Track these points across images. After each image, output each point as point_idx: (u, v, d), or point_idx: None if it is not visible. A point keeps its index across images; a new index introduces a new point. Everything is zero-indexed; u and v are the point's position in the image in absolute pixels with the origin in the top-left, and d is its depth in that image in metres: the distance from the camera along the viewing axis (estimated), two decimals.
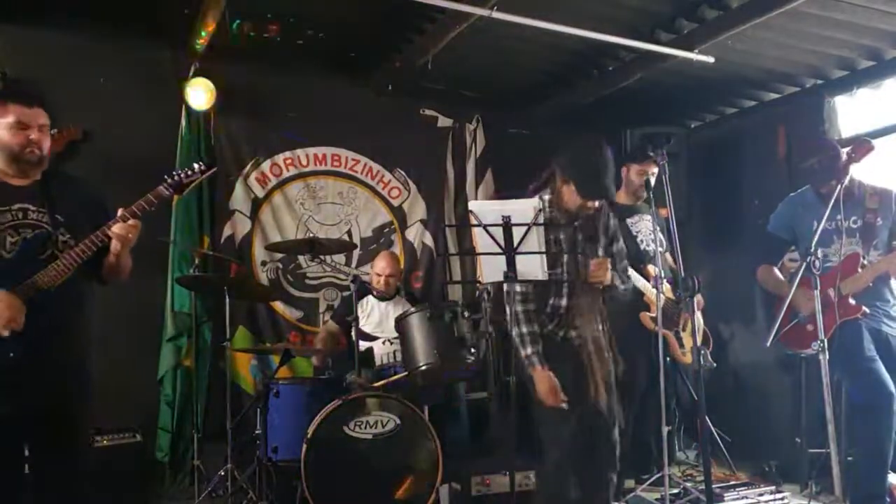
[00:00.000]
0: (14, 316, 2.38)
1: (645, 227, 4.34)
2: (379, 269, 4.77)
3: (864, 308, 3.54)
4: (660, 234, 4.17)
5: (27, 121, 2.52)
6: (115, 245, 2.59)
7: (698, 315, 4.68)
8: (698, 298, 4.34)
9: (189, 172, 2.78)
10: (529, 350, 3.01)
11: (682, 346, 4.36)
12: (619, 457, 3.11)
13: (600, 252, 3.12)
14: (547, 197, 3.13)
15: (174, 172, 2.80)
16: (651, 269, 4.17)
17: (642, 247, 4.24)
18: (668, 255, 4.29)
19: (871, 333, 3.57)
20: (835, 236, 3.66)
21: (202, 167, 2.81)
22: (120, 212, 2.62)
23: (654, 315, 4.01)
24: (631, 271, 4.01)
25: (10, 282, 2.42)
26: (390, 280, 4.77)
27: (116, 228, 2.57)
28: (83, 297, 2.66)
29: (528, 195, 3.10)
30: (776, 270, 3.96)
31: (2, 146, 2.51)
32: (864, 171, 3.75)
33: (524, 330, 3.01)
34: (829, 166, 3.66)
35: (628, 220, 4.25)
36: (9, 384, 2.40)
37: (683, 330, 4.38)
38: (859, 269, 3.58)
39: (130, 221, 2.60)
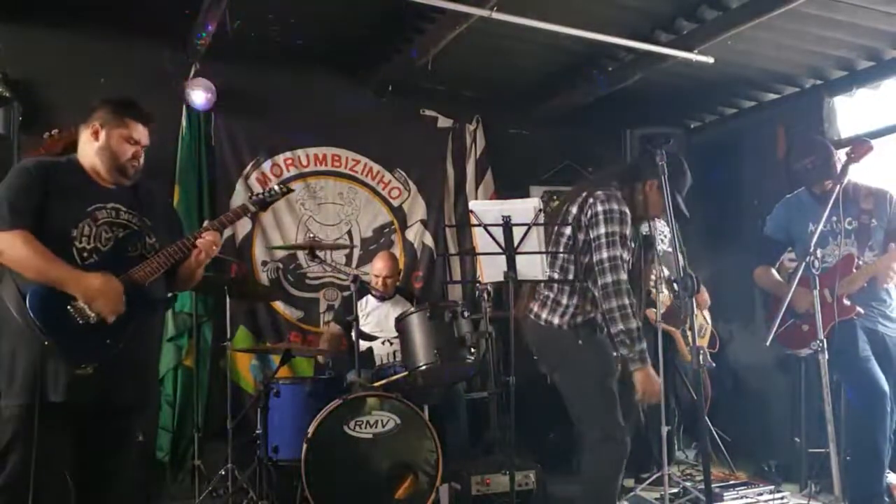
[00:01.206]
0: (119, 302, 2.52)
1: (651, 228, 4.35)
2: (377, 271, 4.78)
3: (858, 308, 3.55)
4: (667, 235, 4.18)
5: (139, 138, 2.74)
6: (201, 254, 2.74)
7: (706, 314, 4.70)
8: (704, 297, 4.35)
9: (271, 192, 2.98)
10: (644, 345, 2.96)
11: (688, 343, 4.37)
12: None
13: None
14: (618, 194, 3.10)
15: (259, 192, 3.04)
16: (657, 268, 4.18)
17: None
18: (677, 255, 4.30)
19: (867, 333, 3.57)
20: (830, 237, 3.67)
21: (284, 188, 3.02)
22: (206, 223, 2.83)
23: (657, 311, 4.02)
24: None
25: (108, 273, 2.54)
26: (388, 281, 4.78)
27: (207, 236, 2.74)
28: (161, 299, 2.78)
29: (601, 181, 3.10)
30: (773, 271, 3.97)
31: (111, 155, 2.68)
32: (862, 172, 3.76)
33: (633, 325, 2.93)
34: (822, 166, 3.67)
35: None
36: (105, 373, 2.49)
37: (690, 328, 4.38)
38: (854, 270, 3.59)
39: (217, 233, 2.78)
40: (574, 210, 3.10)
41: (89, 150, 2.69)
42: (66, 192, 2.58)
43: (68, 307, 2.47)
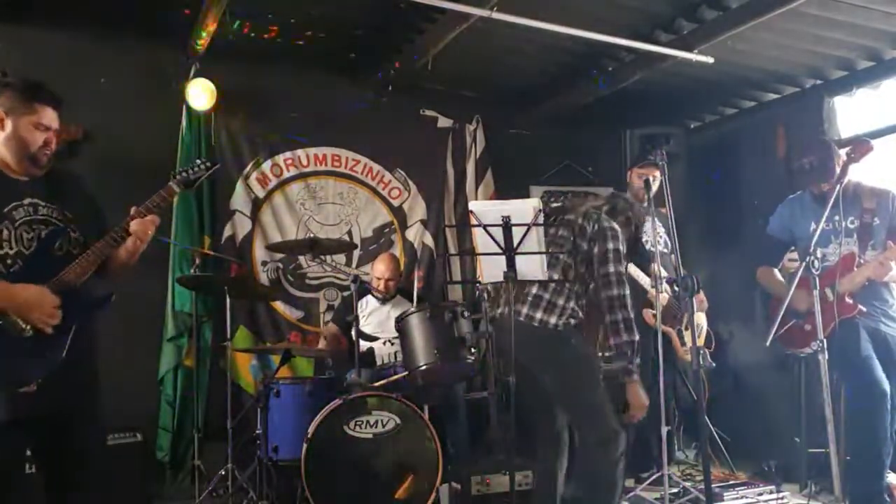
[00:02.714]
0: (54, 312, 2.36)
1: (649, 228, 4.35)
2: (379, 273, 4.78)
3: (860, 307, 3.54)
4: (664, 236, 4.18)
5: (48, 123, 2.51)
6: (133, 242, 2.55)
7: (702, 316, 4.69)
8: (701, 298, 4.35)
9: (195, 168, 2.77)
10: (639, 359, 3.05)
11: (683, 343, 4.37)
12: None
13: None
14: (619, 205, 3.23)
15: (180, 170, 2.79)
16: (654, 268, 4.17)
17: (647, 247, 4.25)
18: (673, 255, 4.30)
19: (869, 333, 3.57)
20: (832, 236, 3.66)
21: (206, 163, 2.81)
22: (133, 210, 2.59)
23: (656, 312, 4.01)
24: (634, 269, 4.03)
25: (36, 278, 2.38)
26: (390, 284, 4.78)
27: (136, 225, 2.54)
28: (100, 298, 2.61)
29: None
30: (776, 272, 3.97)
31: (21, 144, 2.46)
32: (863, 172, 3.75)
33: (635, 338, 3.03)
34: (821, 166, 3.66)
35: None
36: (51, 384, 2.35)
37: (686, 329, 4.39)
38: (855, 269, 3.59)
39: (149, 217, 2.57)
40: (579, 220, 3.16)
41: None
42: None
43: (0, 323, 2.31)
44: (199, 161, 2.83)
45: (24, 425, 2.35)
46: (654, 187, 4.06)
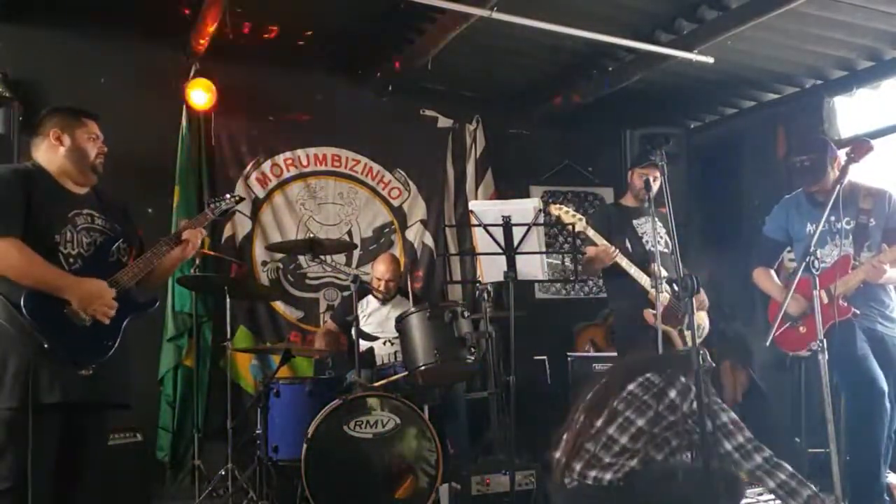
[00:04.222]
0: (112, 303, 2.59)
1: (650, 228, 4.35)
2: (379, 274, 4.78)
3: (853, 309, 3.54)
4: (665, 236, 4.18)
5: (97, 134, 2.81)
6: (183, 249, 2.84)
7: (704, 315, 4.70)
8: (703, 299, 4.35)
9: (226, 200, 3.14)
10: None
11: (685, 343, 4.36)
12: None
13: None
14: None
15: (215, 199, 3.15)
16: (654, 268, 4.18)
17: (648, 247, 4.25)
18: (673, 255, 4.30)
19: (866, 333, 3.56)
20: (829, 237, 3.66)
21: (235, 197, 3.20)
22: (183, 223, 2.95)
23: (656, 312, 4.01)
24: (635, 270, 4.02)
25: (93, 277, 2.60)
26: (390, 284, 4.78)
27: (189, 233, 2.85)
28: (149, 301, 2.85)
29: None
30: (772, 273, 3.96)
31: (82, 154, 2.73)
32: (862, 172, 3.75)
33: None
34: (818, 165, 3.65)
35: (634, 222, 4.25)
36: (103, 372, 2.56)
37: (687, 329, 4.38)
38: (850, 271, 3.58)
39: (199, 228, 2.92)
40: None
41: (54, 156, 2.70)
42: (45, 199, 2.61)
43: (64, 311, 2.51)
44: (228, 195, 3.21)
45: (63, 411, 2.52)
46: (655, 187, 4.06)
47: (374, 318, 4.80)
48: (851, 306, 3.54)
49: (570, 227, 3.97)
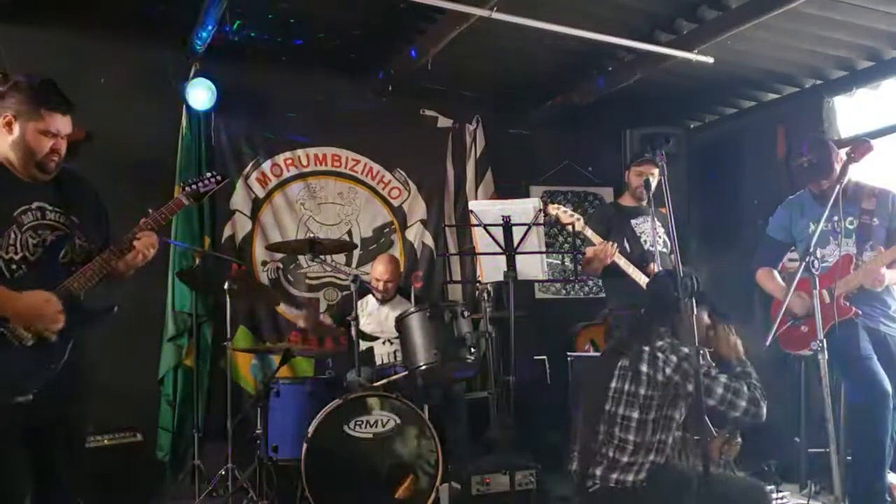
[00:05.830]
0: (58, 317, 2.32)
1: (649, 228, 4.35)
2: (378, 275, 4.78)
3: (855, 309, 3.53)
4: (664, 236, 4.18)
5: (56, 129, 2.44)
6: (138, 256, 2.55)
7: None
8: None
9: (204, 182, 2.77)
10: None
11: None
12: None
13: None
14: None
15: (190, 181, 2.79)
16: (653, 268, 4.18)
17: (646, 247, 4.25)
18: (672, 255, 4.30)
19: (869, 333, 3.56)
20: (831, 237, 3.65)
21: (217, 177, 2.81)
22: (142, 221, 2.59)
23: None
24: (634, 270, 4.02)
25: (40, 285, 2.33)
26: (388, 286, 4.77)
27: (141, 242, 2.53)
28: (103, 309, 2.57)
29: None
30: (776, 273, 3.96)
31: (26, 150, 2.40)
32: (862, 172, 3.75)
33: None
34: (820, 164, 3.65)
35: (633, 221, 4.26)
36: (48, 394, 2.32)
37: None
38: (852, 271, 3.58)
39: (154, 237, 2.58)
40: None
41: (2, 142, 2.39)
42: None
43: (1, 331, 2.25)
44: (209, 174, 2.82)
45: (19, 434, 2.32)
46: (654, 185, 4.06)
47: (374, 318, 4.80)
48: (853, 306, 3.54)
49: (569, 227, 3.97)
